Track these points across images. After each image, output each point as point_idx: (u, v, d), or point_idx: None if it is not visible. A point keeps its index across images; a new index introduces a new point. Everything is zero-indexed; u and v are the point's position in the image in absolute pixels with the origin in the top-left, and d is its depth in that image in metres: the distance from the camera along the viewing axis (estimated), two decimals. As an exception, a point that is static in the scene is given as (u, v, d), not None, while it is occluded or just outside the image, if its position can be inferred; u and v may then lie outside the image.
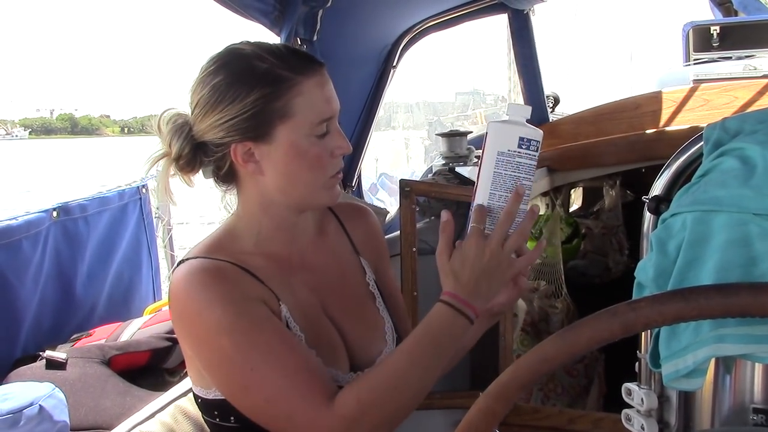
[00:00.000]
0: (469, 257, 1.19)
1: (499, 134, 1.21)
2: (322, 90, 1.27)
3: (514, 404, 1.99)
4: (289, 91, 1.24)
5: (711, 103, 3.20)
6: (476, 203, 1.24)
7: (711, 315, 0.71)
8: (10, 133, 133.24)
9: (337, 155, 1.29)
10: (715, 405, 0.95)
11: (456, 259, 1.20)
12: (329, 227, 1.48)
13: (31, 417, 1.61)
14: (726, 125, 1.00)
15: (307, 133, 1.25)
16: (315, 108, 1.25)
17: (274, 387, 1.17)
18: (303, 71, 1.25)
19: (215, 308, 1.17)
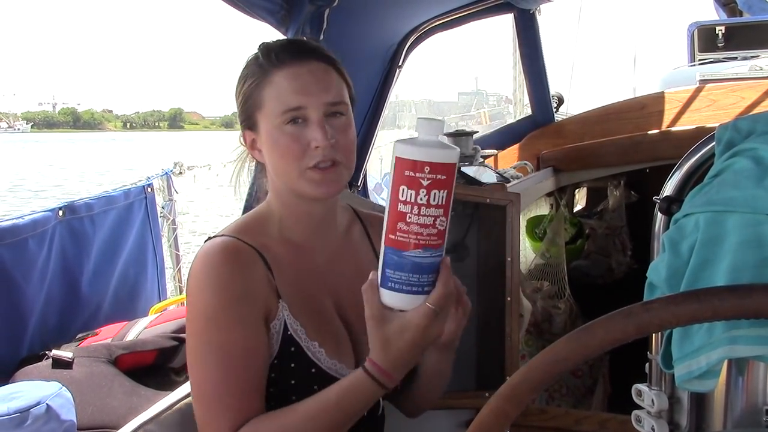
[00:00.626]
0: (408, 332, 1.10)
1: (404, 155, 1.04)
2: (293, 81, 1.28)
3: (521, 405, 1.99)
4: (263, 81, 1.31)
5: (717, 103, 3.20)
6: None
7: (725, 316, 0.71)
8: (12, 126, 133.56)
9: (314, 147, 1.27)
10: (728, 406, 0.95)
11: (392, 330, 1.11)
12: (355, 231, 1.50)
13: (38, 416, 1.60)
14: (738, 125, 1.00)
15: (275, 123, 1.29)
16: (281, 98, 1.28)
17: (202, 385, 1.24)
18: (279, 63, 1.30)
19: (210, 292, 1.24)
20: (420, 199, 1.01)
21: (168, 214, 4.07)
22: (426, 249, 1.04)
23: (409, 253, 1.04)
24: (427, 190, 1.01)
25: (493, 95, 24.70)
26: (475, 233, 2.36)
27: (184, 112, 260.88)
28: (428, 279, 1.07)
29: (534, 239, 3.14)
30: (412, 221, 1.02)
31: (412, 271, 1.05)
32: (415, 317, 1.08)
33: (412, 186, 1.01)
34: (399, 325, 1.09)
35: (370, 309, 1.10)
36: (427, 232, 1.03)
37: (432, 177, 1.01)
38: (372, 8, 2.52)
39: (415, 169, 1.01)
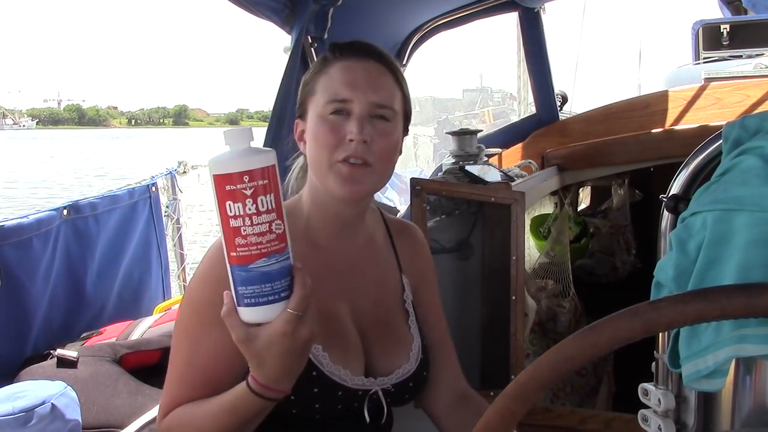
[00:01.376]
0: (276, 343, 1.06)
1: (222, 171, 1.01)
2: (345, 73, 1.30)
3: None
4: (321, 71, 1.33)
5: (722, 101, 3.19)
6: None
7: (734, 315, 0.71)
8: (17, 123, 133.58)
9: (348, 141, 1.27)
10: (735, 406, 0.94)
11: (260, 346, 1.07)
12: (379, 238, 1.49)
13: (43, 415, 1.61)
14: (745, 123, 0.99)
15: (320, 111, 1.29)
16: (330, 88, 1.30)
17: (171, 361, 1.29)
18: (339, 56, 1.32)
19: (205, 285, 1.26)
20: (249, 209, 1.00)
21: (172, 213, 4.07)
22: (270, 256, 1.02)
23: (254, 265, 1.02)
24: (253, 198, 1.00)
25: (498, 92, 24.55)
26: (480, 232, 2.36)
27: (188, 109, 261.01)
28: (282, 284, 1.04)
29: (538, 238, 3.13)
30: (248, 233, 1.00)
31: (263, 282, 1.03)
32: (279, 326, 1.04)
33: (237, 199, 1.00)
34: (265, 339, 1.05)
35: (235, 332, 1.06)
36: (266, 240, 1.01)
37: (254, 185, 0.99)
38: (376, 7, 2.52)
39: (235, 181, 0.99)
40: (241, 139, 1.02)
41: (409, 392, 1.42)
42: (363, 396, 1.35)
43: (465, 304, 2.34)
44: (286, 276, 1.04)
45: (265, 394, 1.11)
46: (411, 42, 2.94)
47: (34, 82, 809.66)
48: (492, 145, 3.26)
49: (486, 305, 2.32)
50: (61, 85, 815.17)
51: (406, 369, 1.39)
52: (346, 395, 1.32)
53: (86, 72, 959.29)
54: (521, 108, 7.38)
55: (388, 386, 1.37)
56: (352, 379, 1.32)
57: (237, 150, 1.01)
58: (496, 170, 2.67)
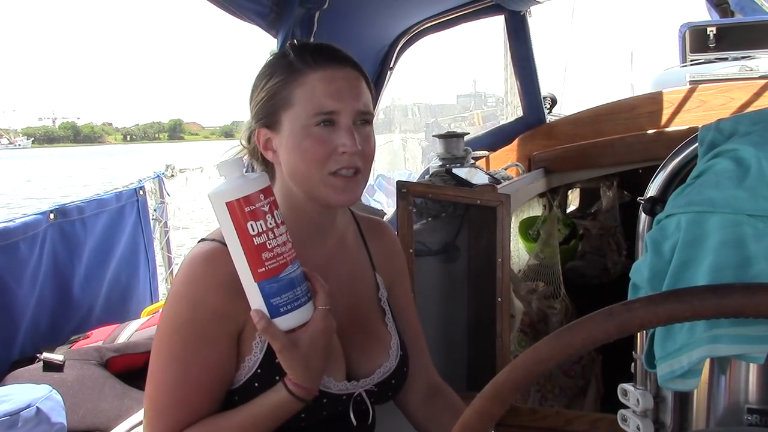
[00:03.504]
0: (317, 340, 1.17)
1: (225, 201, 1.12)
2: (328, 84, 1.27)
3: (512, 405, 1.99)
4: (294, 81, 1.28)
5: (708, 104, 3.21)
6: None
7: (705, 315, 0.71)
8: (12, 142, 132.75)
9: (341, 153, 1.26)
10: (710, 405, 0.96)
11: (305, 347, 1.16)
12: (350, 237, 1.48)
13: (28, 419, 1.61)
14: (720, 126, 1.00)
15: (304, 124, 1.26)
16: (313, 100, 1.26)
17: (156, 386, 1.26)
18: (314, 64, 1.28)
19: (185, 304, 1.25)
20: (270, 224, 1.10)
21: (160, 217, 4.06)
22: (294, 263, 1.13)
23: (284, 274, 1.12)
24: (271, 213, 1.11)
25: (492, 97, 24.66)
26: (466, 234, 2.36)
27: (183, 123, 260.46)
28: (305, 287, 1.15)
29: (528, 240, 3.14)
30: (273, 246, 1.11)
31: (292, 288, 1.13)
32: (318, 323, 1.16)
33: (258, 217, 1.10)
34: (309, 339, 1.15)
35: (278, 341, 1.14)
36: (287, 248, 1.12)
37: (269, 200, 1.11)
38: (362, 10, 2.52)
39: (254, 201, 1.10)
40: (236, 167, 1.12)
41: (392, 389, 1.42)
42: (347, 399, 1.34)
43: (451, 306, 2.35)
44: (305, 279, 1.16)
45: (306, 397, 1.19)
46: (398, 45, 2.94)
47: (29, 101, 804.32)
48: (479, 148, 3.28)
49: (472, 307, 2.33)
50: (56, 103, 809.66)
51: (387, 367, 1.39)
52: (331, 401, 1.31)
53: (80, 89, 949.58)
54: (509, 111, 7.39)
55: (371, 387, 1.37)
56: (336, 385, 1.32)
57: (238, 176, 1.11)
58: (483, 173, 2.68)
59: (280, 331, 1.14)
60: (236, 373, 1.27)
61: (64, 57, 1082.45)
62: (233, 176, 1.11)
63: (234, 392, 1.28)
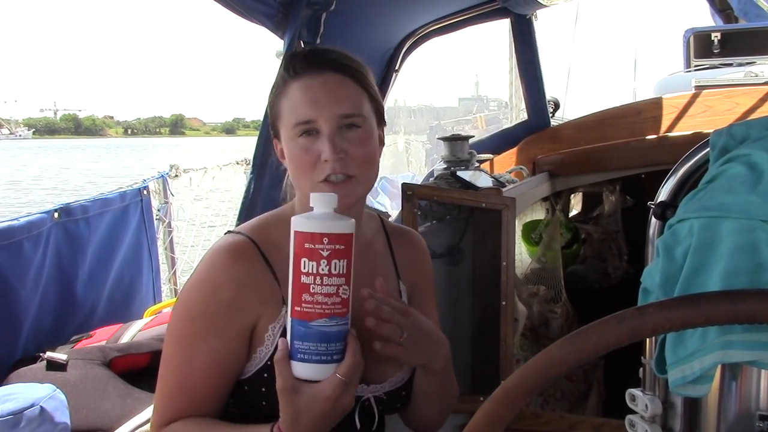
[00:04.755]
0: (318, 404, 1.11)
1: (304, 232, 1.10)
2: (305, 93, 1.27)
3: (515, 409, 1.99)
4: (282, 92, 1.30)
5: (713, 109, 3.21)
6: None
7: (719, 321, 0.71)
8: (14, 133, 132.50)
9: (323, 161, 1.25)
10: (721, 411, 0.95)
11: (303, 402, 1.11)
12: (377, 245, 1.47)
13: (32, 418, 1.60)
14: (732, 131, 1.00)
15: (290, 135, 1.28)
16: (294, 111, 1.27)
17: (164, 371, 1.29)
18: (295, 74, 1.29)
19: (202, 293, 1.27)
20: (321, 270, 1.07)
21: (164, 217, 4.07)
22: (332, 318, 1.09)
23: (315, 323, 1.08)
24: (327, 260, 1.07)
25: (494, 100, 24.64)
26: (471, 237, 2.36)
27: (185, 118, 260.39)
28: (336, 347, 1.11)
29: (530, 244, 3.14)
30: (315, 291, 1.07)
31: (320, 341, 1.09)
32: (326, 389, 1.10)
33: (312, 258, 1.07)
34: (310, 397, 1.10)
35: (282, 380, 1.11)
36: (331, 301, 1.08)
37: (331, 248, 1.07)
38: (369, 12, 2.52)
39: (314, 241, 1.07)
40: (326, 203, 1.11)
41: (402, 401, 1.42)
42: (355, 402, 1.35)
43: (455, 309, 2.34)
44: (342, 340, 1.11)
45: None
46: (403, 47, 2.94)
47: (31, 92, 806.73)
48: (483, 151, 3.27)
49: (476, 310, 2.33)
50: (58, 94, 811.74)
51: (399, 377, 1.39)
52: None
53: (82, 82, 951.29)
54: (513, 114, 7.39)
55: (380, 394, 1.37)
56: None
57: (321, 212, 1.10)
58: (488, 176, 2.68)
59: (289, 372, 1.11)
60: (247, 364, 1.28)
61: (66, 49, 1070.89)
62: (320, 210, 1.11)
63: (243, 382, 1.29)
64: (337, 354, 1.10)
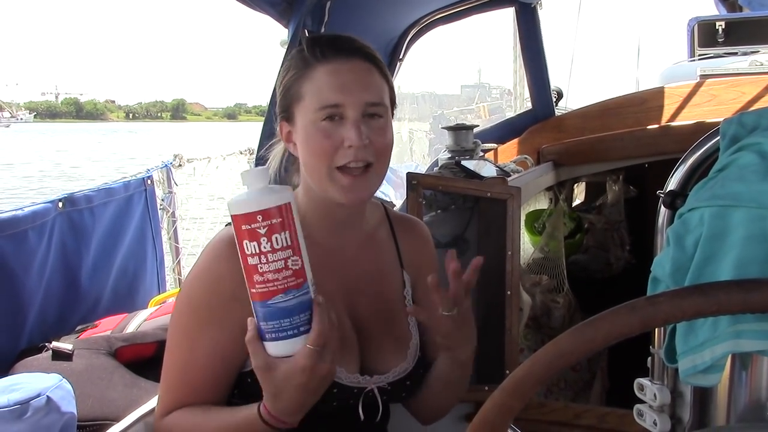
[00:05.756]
0: (295, 377, 1.10)
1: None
2: (334, 77, 1.26)
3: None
4: (305, 75, 1.29)
5: (718, 98, 3.20)
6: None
7: (731, 311, 0.71)
8: (15, 116, 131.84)
9: (347, 147, 1.25)
10: (731, 401, 0.95)
11: (279, 378, 1.10)
12: (381, 234, 1.47)
13: (38, 408, 1.60)
14: (743, 120, 1.00)
15: (312, 118, 1.26)
16: (320, 94, 1.26)
17: (167, 360, 1.31)
18: (322, 57, 1.28)
19: (203, 285, 1.28)
20: (264, 248, 1.05)
21: (168, 207, 4.07)
22: (288, 292, 1.06)
23: (273, 302, 1.06)
24: (267, 237, 1.05)
25: (496, 88, 24.54)
26: (475, 227, 2.36)
27: (186, 103, 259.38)
28: (301, 319, 1.08)
29: (533, 233, 3.14)
30: (264, 270, 1.05)
31: (282, 317, 1.07)
32: (299, 361, 1.08)
33: (253, 238, 1.05)
34: (285, 372, 1.09)
35: (256, 360, 1.10)
36: (282, 276, 1.06)
37: (267, 223, 1.04)
38: (373, 1, 2.51)
39: (250, 221, 1.04)
40: (257, 179, 1.07)
41: (406, 390, 1.42)
42: (358, 393, 1.35)
43: (460, 298, 2.34)
44: (306, 311, 1.08)
45: (274, 423, 1.14)
46: (408, 36, 2.93)
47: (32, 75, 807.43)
48: (488, 141, 3.27)
49: (481, 300, 2.32)
50: (59, 78, 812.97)
51: (403, 368, 1.39)
52: (341, 392, 1.32)
53: (84, 65, 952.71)
54: (517, 103, 7.37)
55: (384, 384, 1.37)
56: (348, 377, 1.32)
57: (253, 190, 1.06)
58: (492, 165, 2.67)
59: (262, 351, 1.10)
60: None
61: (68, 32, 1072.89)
62: (253, 188, 1.07)
63: (247, 374, 1.30)
64: (303, 325, 1.08)
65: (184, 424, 1.27)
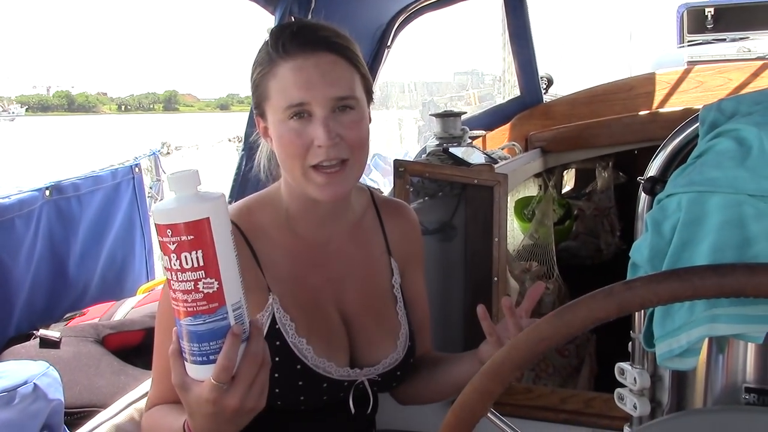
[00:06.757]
0: (202, 406, 0.98)
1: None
2: (297, 74, 1.21)
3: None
4: (270, 72, 1.24)
5: (705, 84, 3.21)
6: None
7: (706, 295, 0.72)
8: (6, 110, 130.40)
9: (317, 146, 1.21)
10: (708, 384, 0.96)
11: (192, 400, 0.99)
12: (367, 221, 1.45)
13: (25, 395, 1.60)
14: (722, 106, 1.00)
15: (280, 117, 1.23)
16: (284, 92, 1.22)
17: (154, 356, 1.29)
18: (285, 54, 1.23)
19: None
20: (174, 265, 0.91)
21: (156, 195, 4.06)
22: (197, 316, 0.93)
23: (183, 322, 0.94)
24: (176, 254, 0.91)
25: (489, 75, 24.53)
26: (463, 214, 2.36)
27: (178, 95, 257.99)
28: (212, 347, 0.95)
29: (523, 220, 3.15)
30: (175, 288, 0.93)
31: (191, 341, 0.95)
32: (204, 391, 0.96)
33: (165, 252, 0.92)
34: (194, 396, 0.98)
35: (173, 376, 1.00)
36: (191, 299, 0.92)
37: (177, 240, 0.90)
38: (360, -13, 2.50)
39: (161, 233, 0.91)
40: (182, 185, 0.92)
41: (397, 380, 1.41)
42: (348, 386, 1.34)
43: (447, 285, 2.35)
44: (219, 339, 0.94)
45: None
46: (396, 23, 2.92)
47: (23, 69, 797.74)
48: (476, 128, 3.27)
49: (468, 286, 2.33)
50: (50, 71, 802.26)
51: (393, 358, 1.38)
52: (331, 387, 1.31)
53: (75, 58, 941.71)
54: (506, 90, 7.38)
55: (374, 376, 1.37)
56: (338, 370, 1.32)
57: (174, 198, 0.93)
58: (480, 152, 2.68)
59: (180, 368, 0.99)
60: None
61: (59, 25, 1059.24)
62: (180, 194, 0.93)
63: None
64: (213, 354, 0.95)
65: (152, 422, 1.27)
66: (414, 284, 1.52)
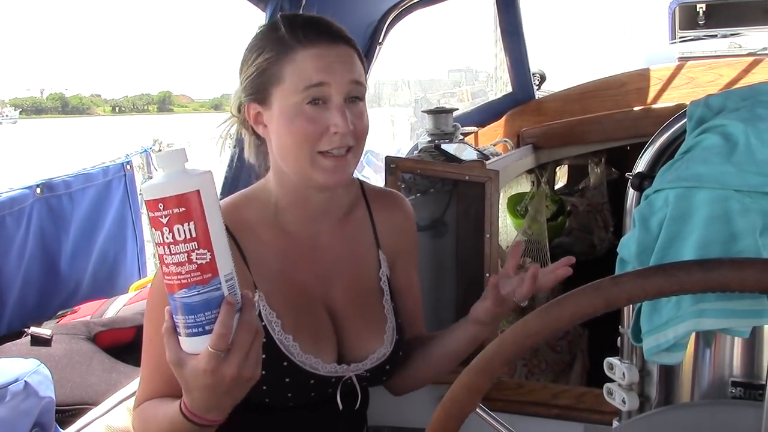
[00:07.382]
0: (199, 378, 1.00)
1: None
2: (317, 61, 1.24)
3: (498, 379, 2.01)
4: (285, 57, 1.25)
5: (696, 80, 3.22)
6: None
7: (692, 290, 0.72)
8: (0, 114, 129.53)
9: (332, 133, 1.23)
10: (695, 378, 0.97)
11: (188, 375, 1.01)
12: (356, 213, 1.45)
13: (16, 393, 1.60)
14: (709, 102, 1.01)
15: (294, 101, 1.24)
16: (302, 76, 1.23)
17: (143, 353, 1.29)
18: (305, 41, 1.25)
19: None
20: (166, 238, 0.95)
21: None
22: (191, 287, 0.96)
23: (177, 295, 0.97)
24: (169, 227, 0.94)
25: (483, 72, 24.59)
26: (454, 210, 2.37)
27: (172, 95, 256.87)
28: (207, 317, 0.98)
29: (516, 216, 3.15)
30: (168, 262, 0.96)
31: (187, 313, 0.97)
32: (201, 362, 0.98)
33: (157, 226, 0.95)
34: (191, 370, 0.99)
35: (168, 354, 1.01)
36: (185, 270, 0.95)
37: (168, 213, 0.94)
38: (352, -16, 2.50)
39: (153, 208, 0.95)
40: (170, 162, 0.96)
41: (386, 374, 1.41)
42: (336, 383, 1.34)
43: (439, 281, 2.35)
44: (214, 309, 0.97)
45: (195, 420, 1.07)
46: (387, 20, 2.92)
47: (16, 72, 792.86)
48: (468, 124, 3.27)
49: (460, 283, 2.34)
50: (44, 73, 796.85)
51: (381, 353, 1.38)
52: (319, 383, 1.31)
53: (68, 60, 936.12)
54: (498, 86, 7.39)
55: (362, 372, 1.36)
56: (325, 367, 1.31)
57: (163, 174, 0.96)
58: (472, 149, 2.68)
59: (174, 344, 1.00)
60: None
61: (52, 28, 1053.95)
62: (166, 171, 0.96)
63: None
64: (208, 324, 0.98)
65: (146, 414, 1.26)
66: (406, 275, 1.51)
